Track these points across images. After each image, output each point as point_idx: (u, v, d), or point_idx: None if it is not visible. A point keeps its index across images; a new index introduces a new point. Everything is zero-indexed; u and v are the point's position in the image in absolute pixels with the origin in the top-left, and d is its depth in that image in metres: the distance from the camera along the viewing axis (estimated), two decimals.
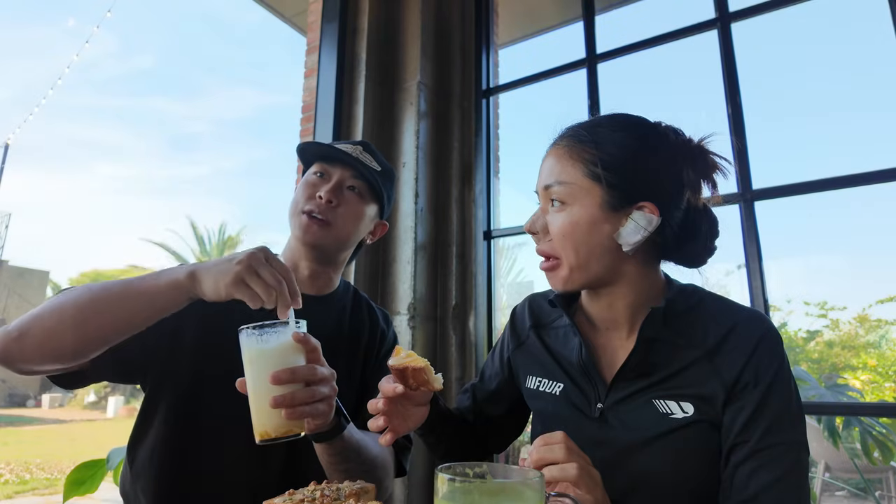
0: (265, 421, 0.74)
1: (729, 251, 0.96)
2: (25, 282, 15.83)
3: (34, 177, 64.36)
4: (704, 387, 0.72)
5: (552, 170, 0.77)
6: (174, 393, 0.93)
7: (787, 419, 0.70)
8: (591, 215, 0.74)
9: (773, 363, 0.72)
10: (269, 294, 0.75)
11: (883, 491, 3.36)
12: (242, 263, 0.75)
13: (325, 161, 1.06)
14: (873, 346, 5.70)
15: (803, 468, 0.69)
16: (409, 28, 2.06)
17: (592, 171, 0.74)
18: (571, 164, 0.76)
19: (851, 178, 1.43)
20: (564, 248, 0.75)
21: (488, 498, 0.49)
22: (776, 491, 0.66)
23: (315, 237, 1.00)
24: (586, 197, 0.74)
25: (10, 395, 15.10)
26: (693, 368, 0.74)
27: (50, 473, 6.88)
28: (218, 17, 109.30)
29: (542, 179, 0.79)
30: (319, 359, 0.79)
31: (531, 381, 0.89)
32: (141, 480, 0.91)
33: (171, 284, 0.78)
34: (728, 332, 0.74)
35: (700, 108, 1.64)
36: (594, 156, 0.74)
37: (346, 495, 0.65)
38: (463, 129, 2.07)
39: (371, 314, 1.13)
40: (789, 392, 0.71)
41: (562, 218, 0.75)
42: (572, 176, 0.75)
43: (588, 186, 0.74)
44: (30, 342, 0.78)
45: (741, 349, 0.72)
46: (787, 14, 1.65)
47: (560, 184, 0.76)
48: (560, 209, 0.76)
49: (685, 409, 0.72)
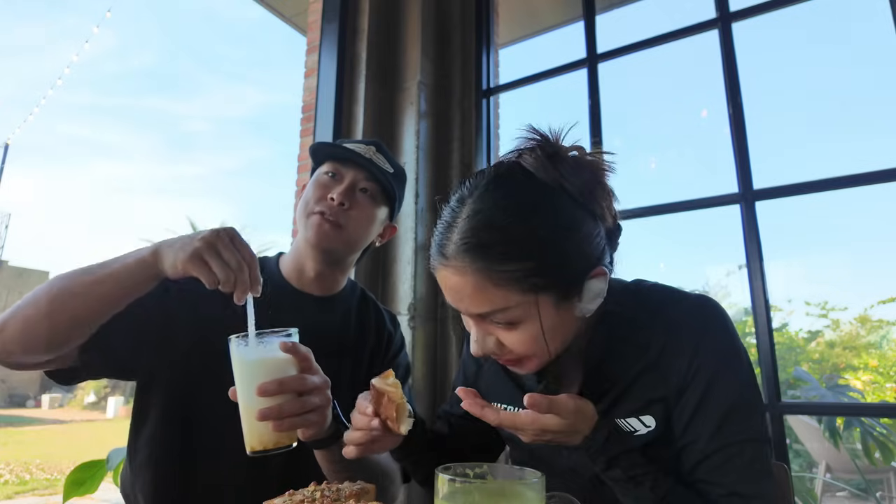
0: (255, 433, 0.72)
1: (730, 252, 0.95)
2: (25, 282, 15.83)
3: (34, 176, 64.35)
4: (657, 394, 0.69)
5: (477, 300, 0.63)
6: (169, 393, 0.92)
7: (738, 412, 0.66)
8: (550, 319, 0.64)
9: (719, 352, 0.68)
10: (227, 275, 0.72)
11: (884, 492, 3.35)
12: (204, 240, 0.73)
13: (337, 161, 1.02)
14: (874, 347, 5.70)
15: (763, 463, 0.65)
16: (409, 28, 2.06)
17: (527, 284, 0.62)
18: (500, 289, 0.62)
19: (852, 178, 1.43)
20: (535, 355, 0.68)
21: (488, 498, 0.49)
22: (738, 496, 0.63)
23: (326, 240, 0.97)
24: (535, 308, 0.63)
25: (10, 395, 15.10)
26: (643, 379, 0.70)
27: (50, 474, 6.88)
28: (217, 14, 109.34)
29: (468, 307, 0.65)
30: (311, 367, 0.76)
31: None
32: (139, 480, 0.91)
33: (137, 263, 0.76)
34: (669, 335, 0.70)
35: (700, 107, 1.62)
36: (523, 270, 0.62)
37: (346, 496, 0.65)
38: (463, 129, 2.07)
39: (378, 316, 1.12)
40: (737, 387, 0.67)
41: (518, 336, 0.65)
42: (509, 300, 0.63)
43: (532, 300, 0.63)
44: (10, 333, 0.77)
45: (684, 351, 0.69)
46: (787, 14, 1.65)
47: (498, 312, 0.64)
48: (510, 328, 0.65)
49: (647, 423, 0.70)
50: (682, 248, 8.51)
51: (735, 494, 0.64)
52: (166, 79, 79.52)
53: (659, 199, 1.72)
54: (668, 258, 7.94)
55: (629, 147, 6.50)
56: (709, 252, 7.40)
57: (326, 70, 1.98)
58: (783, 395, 1.61)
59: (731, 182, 1.58)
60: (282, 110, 66.16)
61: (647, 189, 1.90)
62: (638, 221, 1.78)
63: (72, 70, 19.44)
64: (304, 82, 2.29)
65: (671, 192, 1.84)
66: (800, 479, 3.66)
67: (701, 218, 1.67)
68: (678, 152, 7.82)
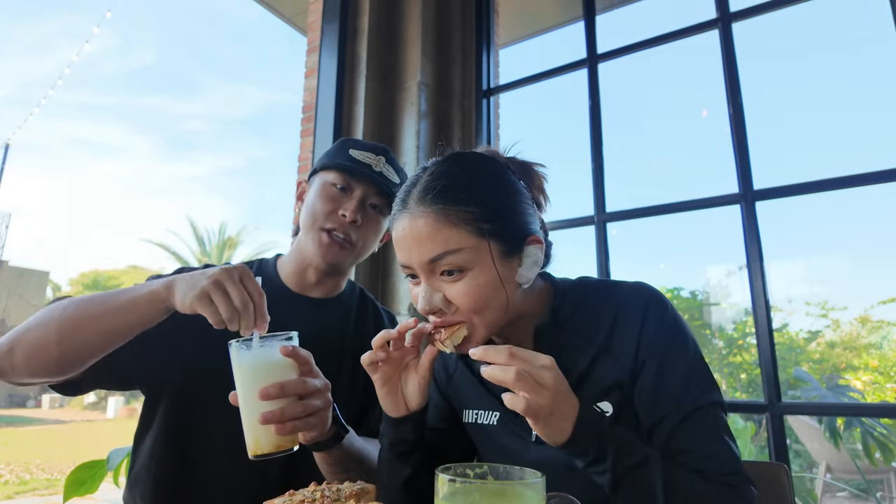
0: (256, 437, 0.72)
1: (730, 252, 0.95)
2: (25, 282, 15.85)
3: (34, 176, 64.42)
4: (611, 379, 0.72)
5: (432, 239, 0.69)
6: (171, 399, 0.92)
7: (692, 385, 0.69)
8: (492, 272, 0.70)
9: (663, 334, 0.71)
10: (232, 315, 0.73)
11: (884, 492, 3.35)
12: (212, 279, 0.74)
13: (347, 174, 0.99)
14: (875, 347, 5.69)
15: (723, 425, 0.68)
16: (409, 28, 2.06)
17: (477, 228, 0.69)
18: (454, 228, 0.69)
19: (853, 178, 1.43)
20: (475, 314, 0.70)
21: (489, 499, 0.49)
22: (708, 458, 0.66)
23: (335, 258, 0.98)
24: (482, 256, 0.70)
25: (11, 395, 15.12)
26: (597, 365, 0.73)
27: (50, 474, 6.88)
28: (217, 13, 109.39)
29: (421, 253, 0.70)
30: (312, 370, 0.77)
31: (468, 414, 0.85)
32: (139, 486, 0.91)
33: (150, 296, 0.77)
34: (615, 318, 0.74)
35: (701, 108, 1.62)
36: (474, 213, 0.70)
37: (347, 496, 0.65)
38: (463, 129, 2.07)
39: (377, 316, 1.12)
40: (688, 358, 0.71)
41: (464, 287, 0.70)
42: (461, 241, 0.69)
43: (479, 245, 0.69)
44: (18, 356, 0.78)
45: (630, 330, 0.72)
46: (788, 14, 1.65)
47: (451, 253, 0.69)
48: (457, 278, 0.70)
49: (605, 409, 0.71)
50: (682, 248, 8.51)
51: (710, 456, 0.66)
52: (166, 77, 79.53)
53: (659, 200, 1.72)
54: (669, 258, 7.94)
55: (629, 147, 6.50)
56: (709, 252, 7.39)
57: (327, 70, 1.98)
58: (783, 395, 1.61)
59: (731, 182, 1.59)
60: (282, 110, 66.14)
61: (648, 189, 1.90)
62: (638, 221, 1.78)
63: (72, 70, 19.45)
64: (305, 82, 2.29)
65: (671, 192, 1.85)
66: (800, 479, 3.66)
67: (701, 218, 1.67)
68: (678, 152, 7.83)
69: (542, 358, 0.62)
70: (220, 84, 78.98)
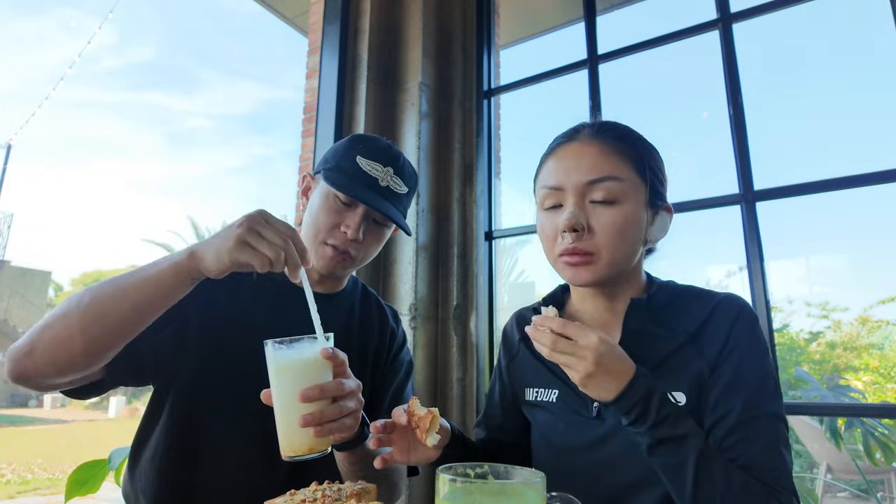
0: (292, 438, 0.71)
1: (730, 252, 0.96)
2: (27, 282, 15.86)
3: (36, 176, 64.41)
4: (692, 370, 0.73)
5: (598, 164, 0.75)
6: (178, 394, 0.92)
7: (764, 392, 0.71)
8: (639, 213, 0.76)
9: (749, 336, 0.74)
10: (277, 253, 0.71)
11: (885, 492, 3.35)
12: (243, 226, 0.72)
13: (351, 192, 0.95)
14: (875, 347, 5.68)
15: (784, 439, 0.70)
16: (410, 29, 2.06)
17: (640, 168, 0.76)
18: (622, 160, 0.76)
19: (853, 178, 1.43)
20: (611, 246, 0.74)
21: (489, 498, 0.50)
22: (761, 462, 0.67)
23: (336, 270, 0.99)
24: (637, 194, 0.76)
25: (12, 395, 15.12)
26: (679, 355, 0.75)
27: (52, 473, 6.89)
28: (218, 9, 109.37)
29: (582, 174, 0.75)
30: (346, 372, 0.76)
31: (529, 393, 0.88)
32: (141, 480, 0.91)
33: (174, 267, 0.74)
34: (709, 313, 0.76)
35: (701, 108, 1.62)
36: (642, 156, 0.77)
37: (348, 496, 0.65)
38: (464, 130, 2.08)
39: (380, 312, 1.12)
40: (766, 366, 0.73)
41: (613, 215, 0.74)
42: (626, 172, 0.75)
43: (638, 184, 0.76)
44: (41, 355, 0.75)
45: (722, 326, 0.74)
46: (788, 14, 1.65)
47: (614, 179, 0.74)
48: (609, 206, 0.74)
49: (677, 399, 0.73)
50: (682, 249, 8.50)
51: (764, 462, 0.67)
52: (166, 73, 79.53)
53: None
54: (669, 258, 7.93)
55: None
56: (709, 253, 7.39)
57: (328, 71, 1.98)
58: (784, 395, 1.61)
59: (731, 183, 1.59)
60: (284, 107, 66.16)
61: None
62: None
63: (74, 68, 19.47)
64: (306, 83, 2.29)
65: (672, 192, 1.84)
66: (801, 479, 3.66)
67: (701, 218, 1.67)
68: (679, 153, 7.81)
69: (587, 338, 0.65)
70: (222, 81, 79.02)
